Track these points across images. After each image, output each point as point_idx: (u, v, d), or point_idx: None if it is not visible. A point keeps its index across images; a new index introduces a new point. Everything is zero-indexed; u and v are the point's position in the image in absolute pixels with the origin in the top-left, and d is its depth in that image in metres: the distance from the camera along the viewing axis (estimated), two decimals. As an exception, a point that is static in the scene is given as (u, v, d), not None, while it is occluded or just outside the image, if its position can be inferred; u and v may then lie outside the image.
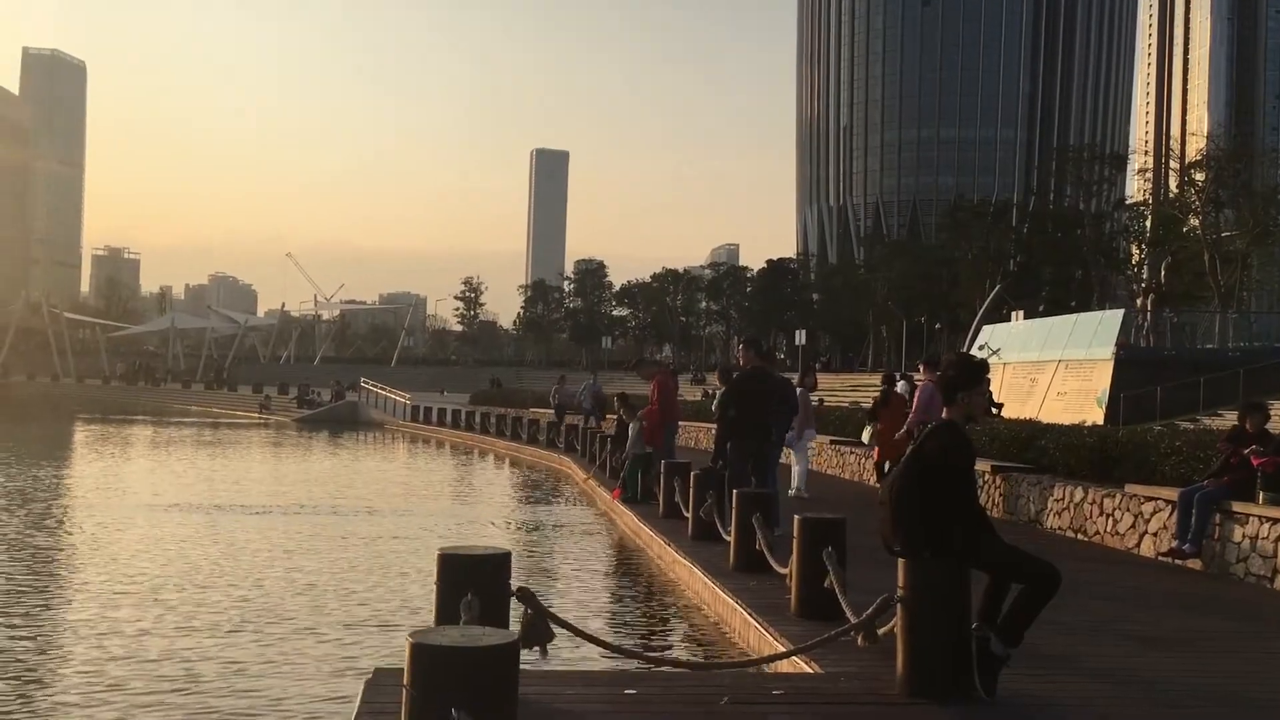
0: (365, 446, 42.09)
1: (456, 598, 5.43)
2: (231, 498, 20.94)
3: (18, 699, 7.45)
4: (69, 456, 33.05)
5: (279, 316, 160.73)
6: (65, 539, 15.45)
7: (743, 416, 12.27)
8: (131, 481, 24.97)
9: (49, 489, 22.19)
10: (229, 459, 32.77)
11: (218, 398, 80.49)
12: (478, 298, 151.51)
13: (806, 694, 6.01)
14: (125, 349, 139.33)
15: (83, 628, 9.80)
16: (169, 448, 37.30)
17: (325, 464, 32.16)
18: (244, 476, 26.75)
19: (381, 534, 16.44)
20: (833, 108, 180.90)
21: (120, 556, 13.71)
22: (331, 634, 9.68)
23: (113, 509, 18.78)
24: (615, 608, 11.41)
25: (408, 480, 27.99)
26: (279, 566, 13.11)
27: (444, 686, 3.57)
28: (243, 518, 17.78)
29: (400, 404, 57.40)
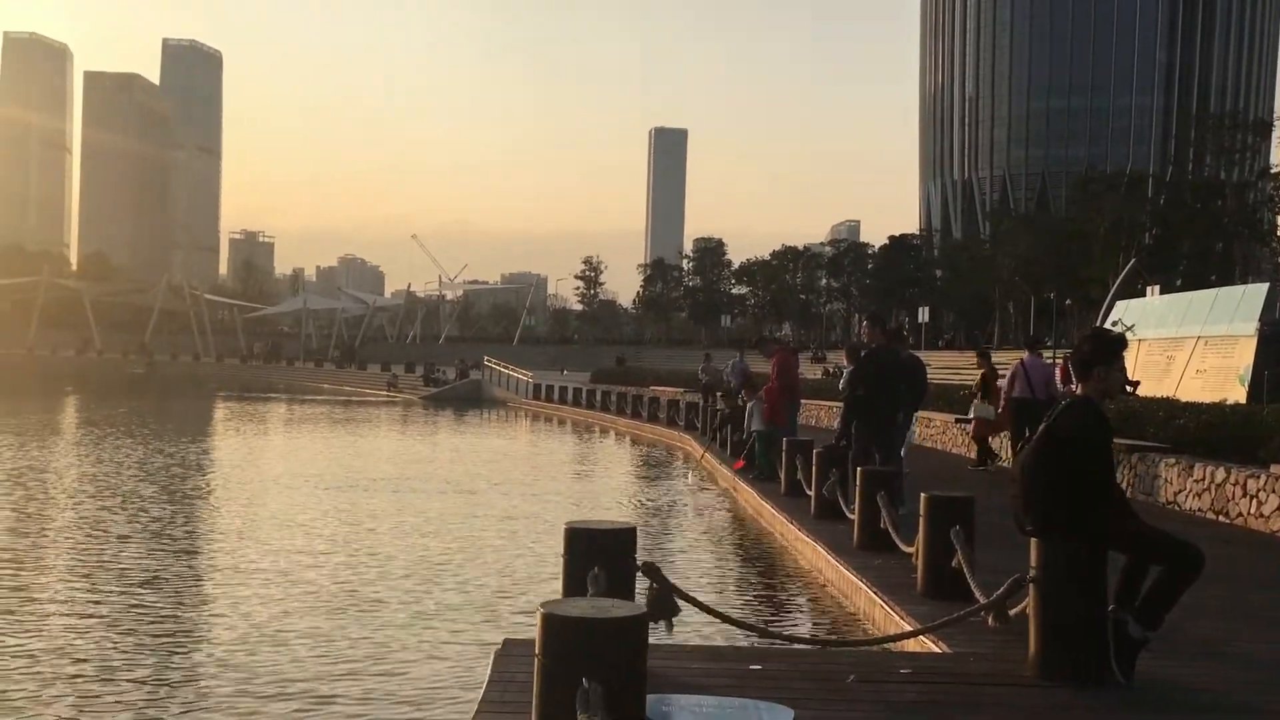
0: (489, 424, 42.88)
1: (583, 571, 5.51)
2: (364, 474, 21.56)
3: (161, 679, 7.79)
4: (210, 433, 34.48)
5: (405, 297, 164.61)
6: (208, 515, 16.11)
7: (869, 395, 12.12)
8: (269, 458, 25.93)
9: (193, 465, 23.18)
10: (360, 436, 33.73)
11: (348, 376, 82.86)
12: (597, 277, 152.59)
13: (935, 673, 5.94)
14: (261, 329, 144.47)
15: (226, 602, 10.24)
16: (303, 425, 38.58)
17: (451, 441, 32.86)
18: (375, 453, 27.53)
19: (506, 510, 16.75)
20: (957, 78, 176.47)
21: (259, 533, 14.26)
22: (460, 607, 9.92)
23: (252, 485, 19.54)
24: (737, 584, 11.43)
25: (531, 457, 28.43)
26: (410, 542, 13.47)
27: (575, 656, 3.64)
28: (374, 494, 18.30)
29: (522, 382, 58.25)
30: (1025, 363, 16.83)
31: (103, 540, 12.96)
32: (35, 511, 15.54)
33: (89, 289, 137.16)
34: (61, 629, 8.77)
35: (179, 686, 7.39)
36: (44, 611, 9.37)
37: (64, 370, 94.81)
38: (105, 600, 9.85)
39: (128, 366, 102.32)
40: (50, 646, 8.29)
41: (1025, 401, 16.33)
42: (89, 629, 8.80)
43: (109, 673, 7.61)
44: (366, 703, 7.17)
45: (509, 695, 5.05)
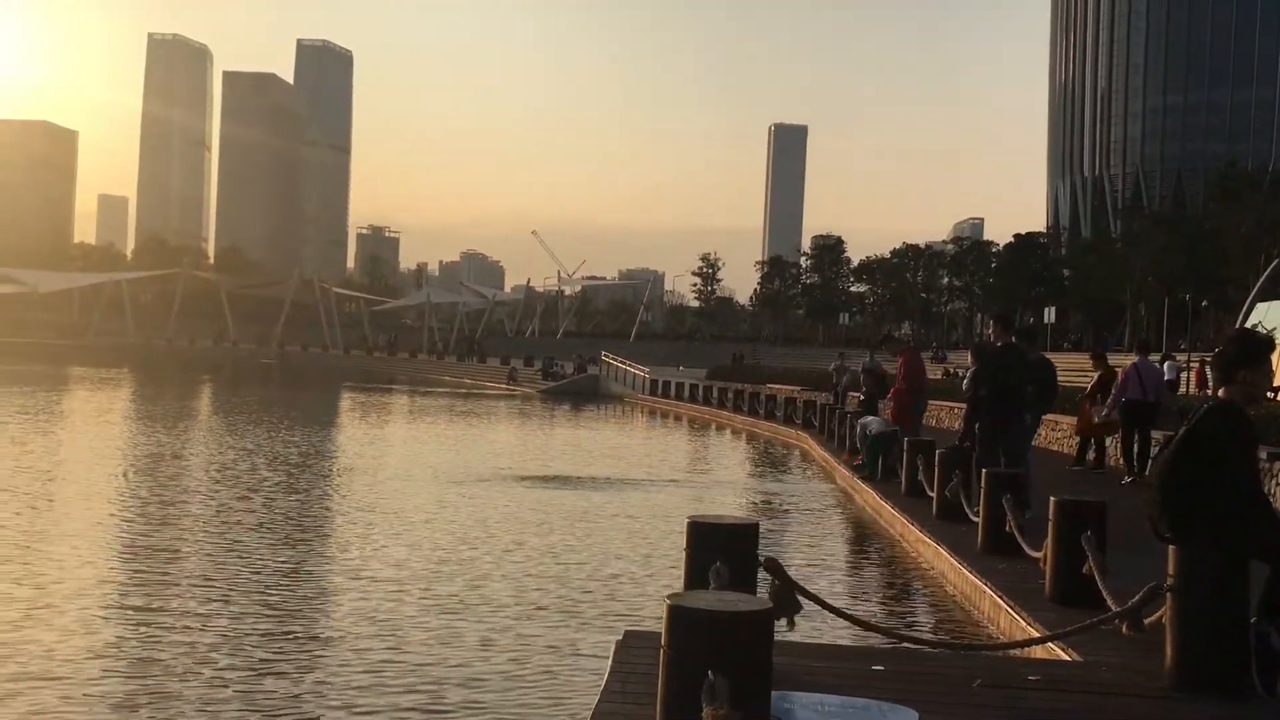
0: (606, 418, 43.21)
1: (705, 565, 5.52)
2: (484, 466, 21.92)
3: (292, 672, 8.03)
4: (336, 423, 35.51)
5: (525, 292, 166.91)
6: (333, 505, 16.58)
7: (993, 395, 11.87)
8: (393, 448, 26.58)
9: (318, 454, 23.91)
10: (480, 428, 34.34)
11: (469, 369, 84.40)
12: (715, 274, 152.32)
13: (1064, 681, 5.80)
14: (386, 322, 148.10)
15: (351, 593, 10.54)
16: (425, 416, 39.45)
17: (569, 435, 33.22)
18: (494, 446, 27.99)
19: (623, 503, 16.87)
20: (1089, 72, 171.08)
21: (382, 522, 14.63)
22: (578, 599, 10.04)
23: (376, 474, 20.06)
24: (856, 584, 11.31)
25: (648, 452, 28.57)
26: (529, 534, 13.66)
27: (701, 649, 3.65)
28: (494, 486, 18.59)
29: (639, 378, 58.52)
30: (1138, 365, 16.90)
31: (232, 529, 13.43)
32: (168, 499, 16.21)
33: (225, 282, 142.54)
34: (188, 621, 9.03)
35: (308, 679, 7.58)
36: (175, 607, 9.68)
37: (201, 359, 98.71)
38: (234, 589, 10.20)
39: (259, 356, 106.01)
40: (178, 641, 8.62)
41: (1137, 404, 16.34)
42: (215, 618, 9.09)
43: (239, 667, 7.82)
44: (486, 693, 7.30)
45: (630, 686, 5.09)
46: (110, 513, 14.46)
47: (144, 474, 18.64)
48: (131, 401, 42.02)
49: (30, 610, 8.92)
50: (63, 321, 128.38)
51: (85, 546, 11.92)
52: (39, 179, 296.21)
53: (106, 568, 11.00)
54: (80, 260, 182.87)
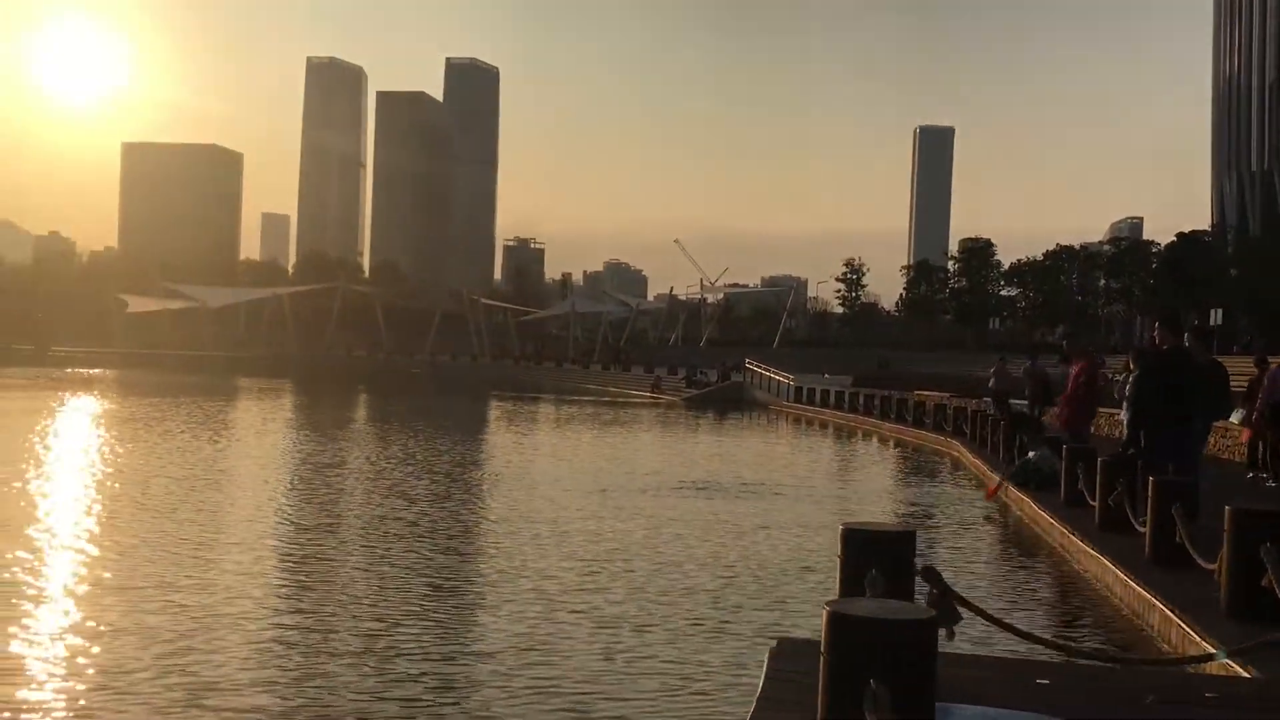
0: (751, 426, 43.02)
1: (860, 572, 5.43)
2: (632, 474, 22.05)
3: (443, 681, 8.17)
4: (484, 430, 36.28)
5: (668, 300, 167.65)
6: (484, 513, 16.88)
7: (1160, 400, 11.38)
8: (541, 456, 26.98)
9: (468, 462, 24.45)
10: (626, 436, 34.57)
11: (613, 377, 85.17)
12: (859, 279, 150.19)
13: (1244, 699, 5.50)
14: (531, 331, 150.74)
15: (504, 601, 10.72)
16: (571, 424, 39.94)
17: (715, 443, 33.18)
18: (641, 454, 28.14)
19: (772, 512, 16.75)
20: (1256, 63, 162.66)
21: (533, 531, 14.84)
22: (727, 606, 10.01)
23: (525, 482, 20.39)
24: (1014, 595, 10.97)
25: (794, 459, 28.32)
26: (679, 541, 13.68)
27: (863, 657, 3.59)
28: (644, 495, 18.67)
29: (783, 385, 58.10)
30: None
31: (388, 539, 13.80)
32: (327, 508, 16.78)
33: (379, 294, 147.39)
34: (346, 633, 9.26)
35: (460, 692, 7.66)
36: (335, 617, 9.94)
37: (357, 369, 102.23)
38: (390, 600, 10.46)
39: (411, 366, 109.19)
40: (338, 651, 8.89)
41: None
42: (371, 630, 9.33)
43: (388, 674, 7.98)
44: (639, 699, 7.33)
45: (785, 694, 5.04)
46: (273, 522, 15.07)
47: (304, 483, 19.37)
48: (292, 411, 43.78)
49: (197, 620, 9.30)
50: (230, 335, 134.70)
51: (249, 556, 12.43)
52: (208, 200, 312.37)
53: (272, 577, 11.44)
54: (246, 276, 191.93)
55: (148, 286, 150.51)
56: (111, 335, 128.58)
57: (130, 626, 8.91)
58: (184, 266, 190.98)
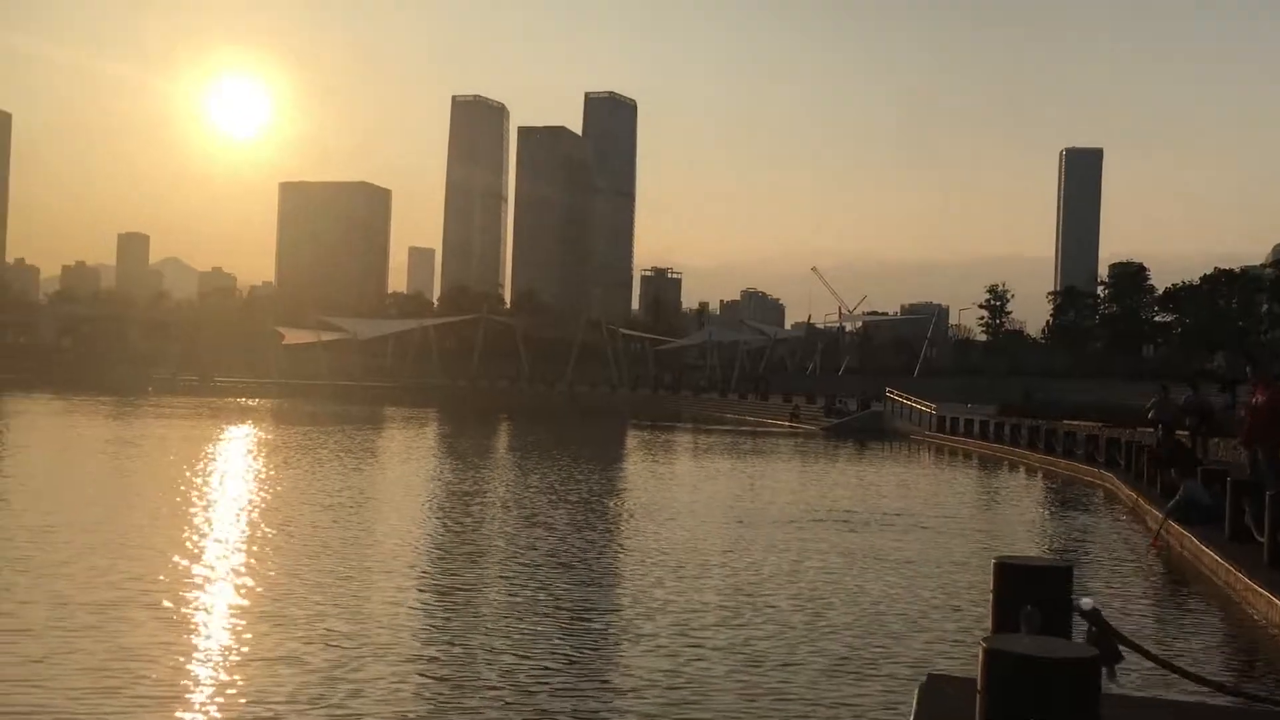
0: (892, 457, 42.19)
1: (1013, 608, 5.24)
2: (776, 507, 21.81)
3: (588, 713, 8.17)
4: (625, 460, 36.47)
5: (805, 329, 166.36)
6: (625, 543, 16.89)
7: None
8: (680, 486, 26.94)
9: (608, 492, 24.57)
10: (766, 466, 34.29)
11: (751, 406, 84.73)
12: (1003, 306, 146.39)
13: None
14: (669, 360, 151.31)
15: (649, 634, 10.69)
16: (710, 454, 39.82)
17: (856, 474, 32.63)
18: (783, 485, 27.86)
19: (916, 544, 16.37)
20: None
21: (676, 562, 14.79)
22: (871, 641, 9.79)
23: (666, 513, 20.36)
24: (1177, 635, 10.44)
25: (937, 491, 27.63)
26: (826, 577, 13.46)
27: (1022, 695, 3.46)
28: (786, 527, 18.45)
29: (925, 414, 56.88)
30: None
31: (530, 569, 13.94)
32: (470, 537, 17.08)
33: (520, 324, 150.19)
34: (489, 664, 9.36)
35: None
36: (478, 646, 10.06)
37: (499, 398, 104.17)
38: (532, 630, 10.53)
39: (552, 395, 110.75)
40: (479, 680, 8.99)
41: None
42: (513, 661, 9.40)
43: (530, 708, 8.03)
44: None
45: (936, 731, 4.89)
46: (418, 551, 15.40)
47: (446, 511, 19.77)
48: (436, 440, 44.83)
49: (345, 651, 9.54)
50: (378, 365, 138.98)
51: (395, 585, 12.71)
52: (358, 235, 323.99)
53: (417, 608, 11.65)
54: (393, 308, 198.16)
55: (302, 319, 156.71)
56: (269, 366, 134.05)
57: (281, 655, 9.21)
58: (336, 299, 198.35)
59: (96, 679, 8.46)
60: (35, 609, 10.86)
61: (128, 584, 12.15)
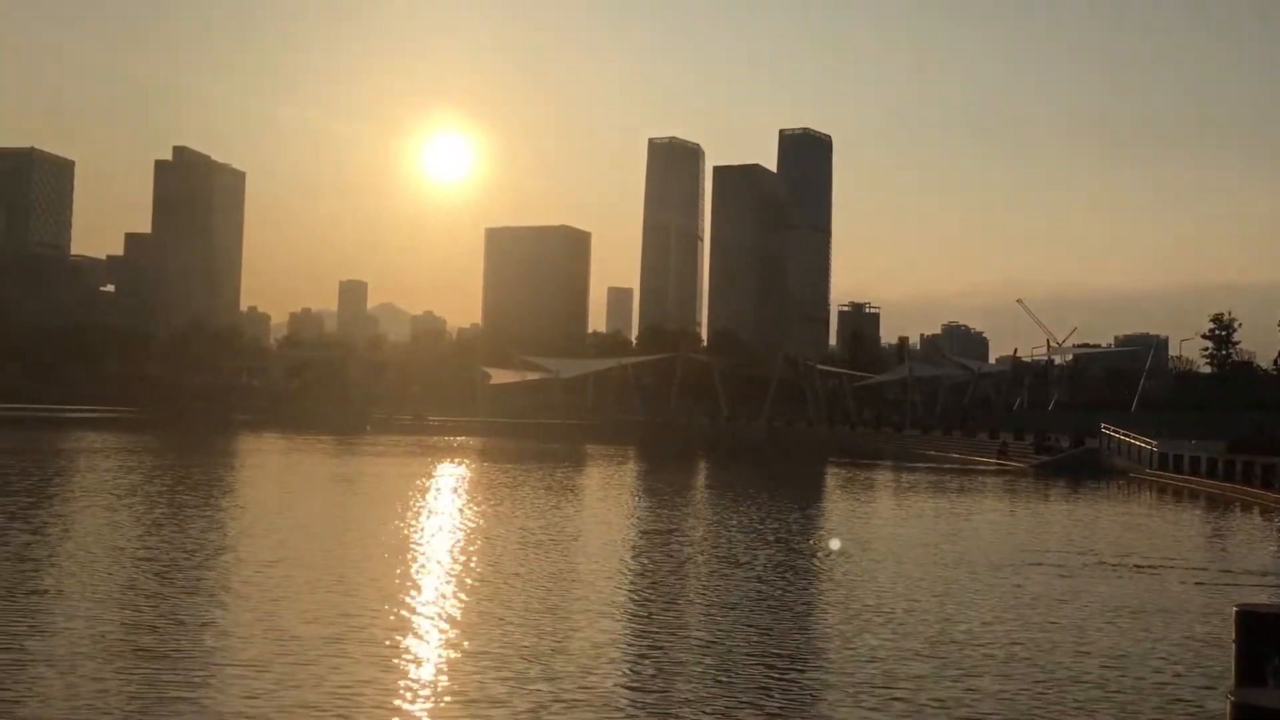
0: (1109, 496, 39.96)
1: (1259, 660, 4.81)
2: (986, 549, 20.88)
3: None
4: (824, 498, 35.86)
5: (1010, 363, 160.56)
6: (830, 587, 16.47)
7: None
8: (883, 527, 26.19)
9: (806, 531, 24.17)
10: (974, 506, 32.97)
11: (955, 443, 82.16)
12: (1229, 335, 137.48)
13: None
14: (868, 396, 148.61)
15: (865, 678, 10.35)
16: (913, 492, 38.65)
17: (1071, 514, 31.06)
18: (993, 525, 26.75)
19: (1146, 590, 15.40)
20: None
21: (887, 612, 14.32)
22: (1118, 698, 9.22)
23: (869, 557, 19.80)
24: None
25: (1161, 533, 25.98)
26: (1051, 623, 12.76)
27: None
28: (1000, 571, 17.63)
29: (1144, 451, 53.78)
30: None
31: (729, 611, 13.78)
32: (667, 576, 17.06)
33: (717, 362, 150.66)
34: (687, 710, 9.28)
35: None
36: (679, 691, 10.00)
37: (697, 435, 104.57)
38: (729, 679, 10.36)
39: (749, 432, 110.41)
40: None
41: None
42: (720, 707, 9.24)
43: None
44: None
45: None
46: (619, 589, 15.49)
47: (648, 550, 19.85)
48: (636, 477, 45.27)
49: (549, 691, 9.62)
50: (579, 403, 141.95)
51: (597, 626, 12.80)
52: (560, 277, 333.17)
53: (619, 649, 11.69)
54: (594, 347, 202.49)
55: (507, 359, 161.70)
56: (476, 405, 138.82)
57: (487, 696, 9.38)
58: (539, 339, 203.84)
59: (310, 717, 8.81)
60: (256, 644, 11.43)
61: (343, 620, 12.66)
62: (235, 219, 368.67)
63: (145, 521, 22.49)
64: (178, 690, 9.63)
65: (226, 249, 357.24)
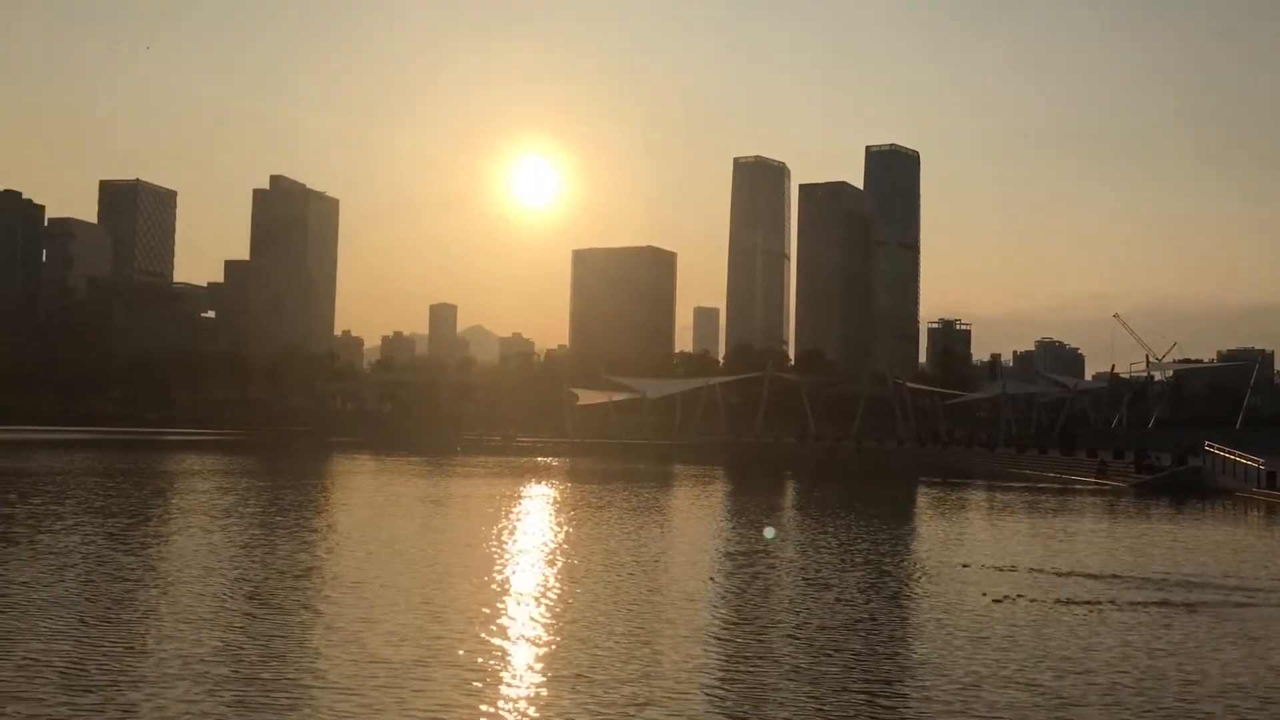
0: (1216, 518, 38.50)
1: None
2: (1089, 577, 19.96)
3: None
4: (915, 520, 35.16)
5: (1107, 379, 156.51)
6: (927, 616, 15.93)
7: None
8: (980, 549, 25.41)
9: (897, 553, 23.63)
10: (1072, 528, 31.95)
11: (1050, 462, 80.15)
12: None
13: None
14: (960, 414, 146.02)
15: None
16: (1007, 513, 37.65)
17: (1176, 538, 29.94)
18: (1095, 549, 25.82)
19: (1269, 621, 14.70)
20: None
21: (990, 643, 13.84)
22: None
23: (963, 583, 19.21)
24: None
25: (1275, 559, 24.88)
26: (1182, 665, 12.12)
27: None
28: (1105, 607, 16.85)
29: (1251, 469, 51.80)
30: None
31: (816, 632, 13.49)
32: (759, 600, 16.80)
33: (805, 381, 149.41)
34: None
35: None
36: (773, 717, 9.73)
37: (785, 455, 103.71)
38: (822, 708, 10.10)
39: (838, 451, 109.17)
40: None
41: None
42: None
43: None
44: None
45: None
46: (707, 612, 15.26)
47: (735, 572, 19.60)
48: (722, 497, 44.95)
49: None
50: (666, 423, 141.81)
51: (685, 650, 12.61)
52: (646, 297, 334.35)
53: (709, 675, 11.45)
54: (680, 367, 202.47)
55: (594, 380, 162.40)
56: (564, 426, 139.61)
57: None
58: (625, 360, 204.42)
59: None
60: (342, 666, 11.47)
61: (429, 642, 12.66)
62: (329, 245, 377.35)
63: (238, 542, 22.91)
64: (266, 713, 9.69)
65: (321, 274, 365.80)
